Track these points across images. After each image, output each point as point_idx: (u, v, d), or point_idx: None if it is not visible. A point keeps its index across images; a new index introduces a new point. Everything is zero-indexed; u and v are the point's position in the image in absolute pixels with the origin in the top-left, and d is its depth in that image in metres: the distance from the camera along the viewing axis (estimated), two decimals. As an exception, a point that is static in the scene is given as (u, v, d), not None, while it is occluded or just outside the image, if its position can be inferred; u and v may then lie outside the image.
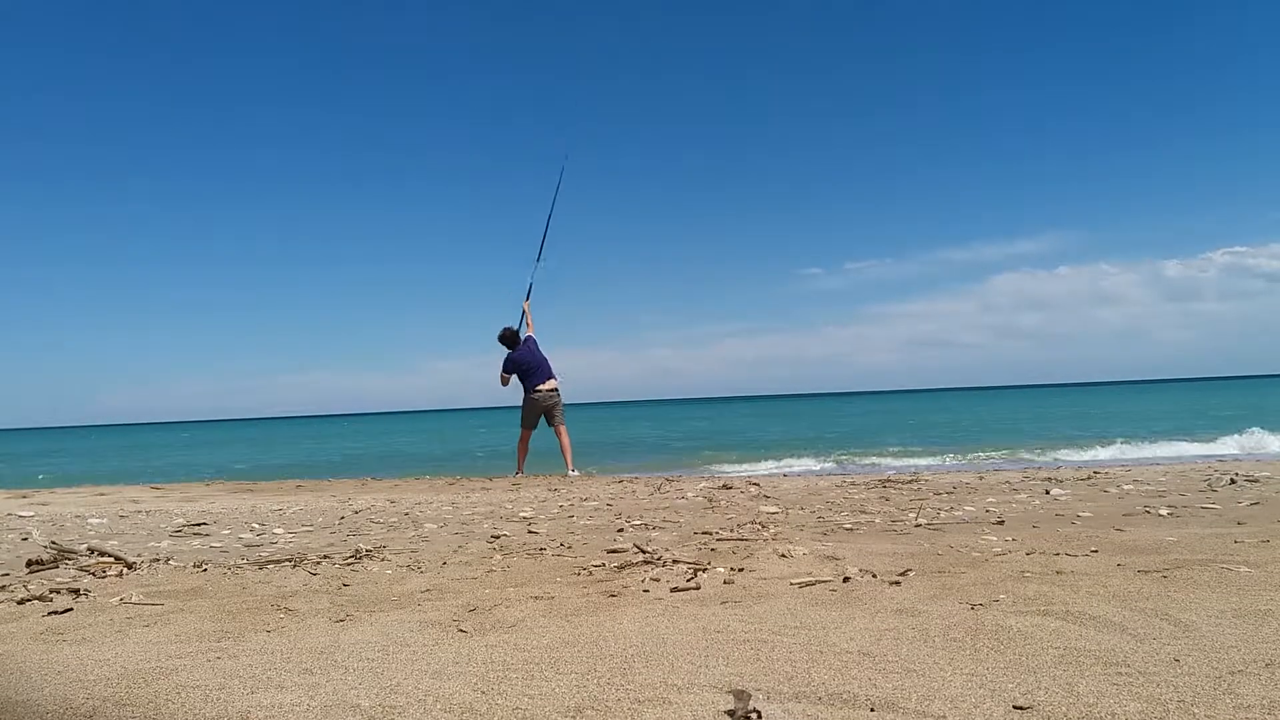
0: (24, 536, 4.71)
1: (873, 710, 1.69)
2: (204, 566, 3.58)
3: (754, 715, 1.67)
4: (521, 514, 5.21)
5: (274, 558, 3.73)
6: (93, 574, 3.40)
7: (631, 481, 7.84)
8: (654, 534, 4.16)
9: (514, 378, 9.44)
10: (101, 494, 8.00)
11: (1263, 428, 13.67)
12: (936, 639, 2.16)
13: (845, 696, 1.77)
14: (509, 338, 9.48)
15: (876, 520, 4.42)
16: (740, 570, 3.12)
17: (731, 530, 4.14)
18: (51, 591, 3.05)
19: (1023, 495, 5.36)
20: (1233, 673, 1.83)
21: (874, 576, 2.92)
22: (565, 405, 9.49)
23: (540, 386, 9.32)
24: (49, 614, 2.73)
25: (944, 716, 1.65)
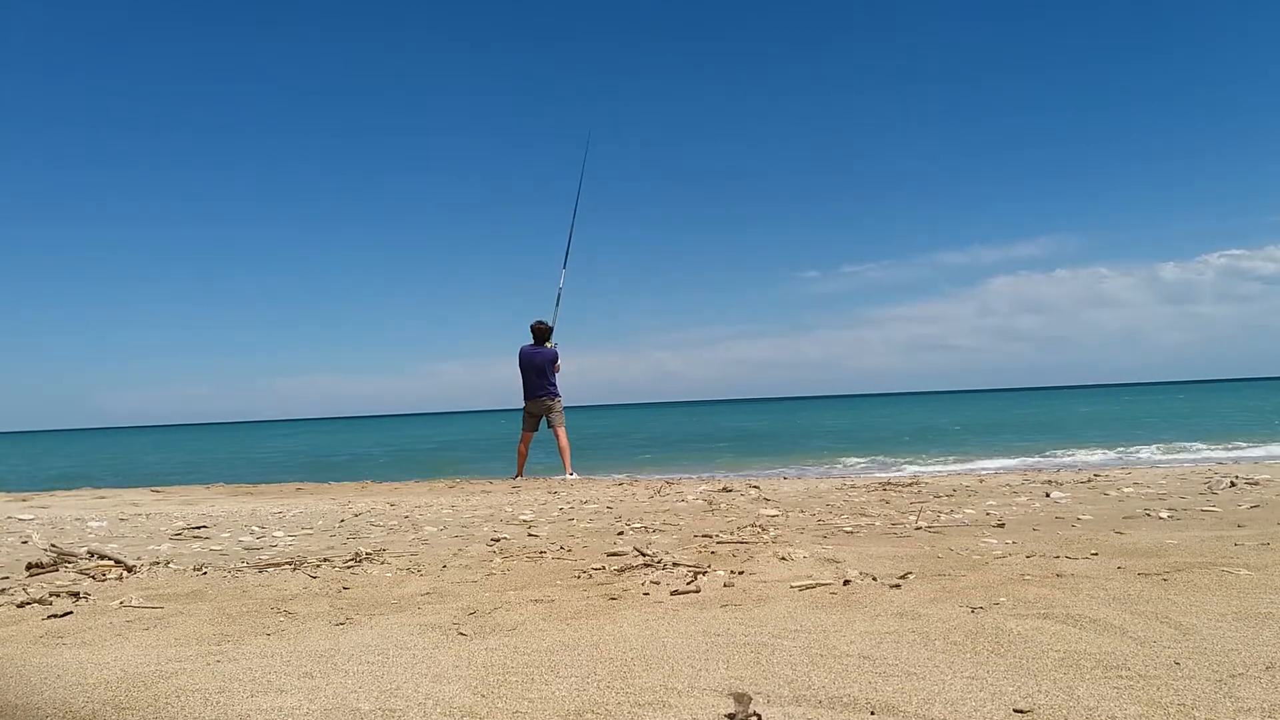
0: (24, 539, 4.71)
1: (873, 713, 1.69)
2: (204, 570, 3.58)
3: (754, 718, 1.67)
4: (521, 517, 5.21)
5: (274, 561, 3.73)
6: (92, 577, 3.40)
7: (631, 484, 7.84)
8: (654, 537, 4.15)
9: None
10: (101, 497, 7.99)
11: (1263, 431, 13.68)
12: (937, 642, 2.16)
13: (845, 700, 1.77)
14: (532, 330, 9.57)
15: (876, 523, 4.42)
16: (740, 573, 3.12)
17: (731, 533, 4.14)
18: (51, 595, 3.05)
19: (1023, 498, 5.36)
20: (1233, 676, 1.83)
21: (874, 579, 2.92)
22: (566, 408, 9.55)
23: (530, 397, 9.53)
24: (49, 617, 2.73)
25: (944, 720, 1.65)
